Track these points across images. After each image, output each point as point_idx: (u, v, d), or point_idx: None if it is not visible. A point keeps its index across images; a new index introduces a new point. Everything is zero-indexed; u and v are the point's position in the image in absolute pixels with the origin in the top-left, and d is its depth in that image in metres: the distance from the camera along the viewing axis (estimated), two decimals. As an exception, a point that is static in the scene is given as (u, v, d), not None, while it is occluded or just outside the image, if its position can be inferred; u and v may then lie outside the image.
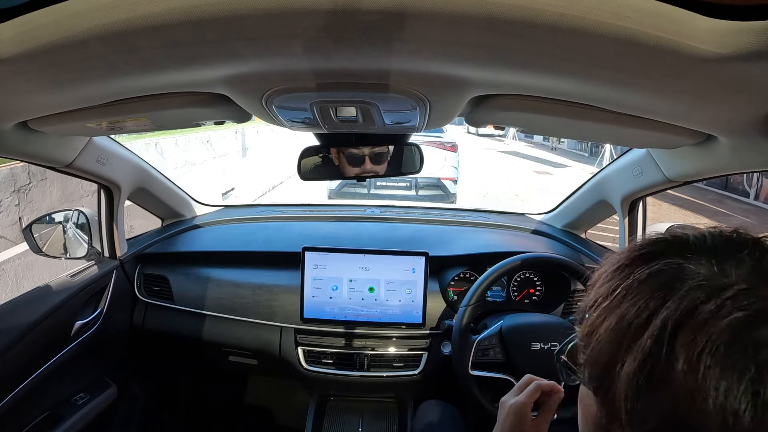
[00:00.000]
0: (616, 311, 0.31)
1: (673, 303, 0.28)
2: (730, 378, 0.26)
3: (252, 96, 0.60)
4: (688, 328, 0.27)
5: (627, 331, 0.30)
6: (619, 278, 0.33)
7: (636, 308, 0.30)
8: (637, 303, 0.30)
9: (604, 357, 0.32)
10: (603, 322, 0.32)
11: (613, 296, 0.32)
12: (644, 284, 0.31)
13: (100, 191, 1.20)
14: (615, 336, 0.31)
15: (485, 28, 0.36)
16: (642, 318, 0.29)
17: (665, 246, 0.32)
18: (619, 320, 0.31)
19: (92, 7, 0.35)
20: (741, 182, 8.47)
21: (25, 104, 0.62)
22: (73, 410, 1.08)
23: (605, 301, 0.33)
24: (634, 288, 0.31)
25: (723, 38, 0.33)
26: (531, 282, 1.29)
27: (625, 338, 0.30)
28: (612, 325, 0.31)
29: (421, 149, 1.03)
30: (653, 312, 0.29)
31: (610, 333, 0.31)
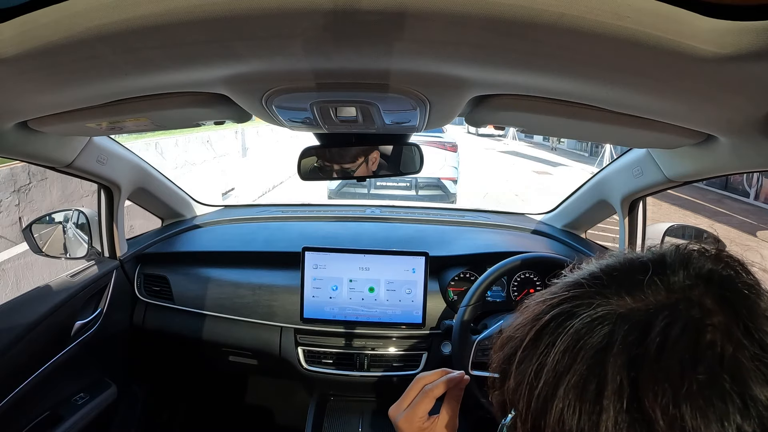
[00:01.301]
0: (557, 393, 0.27)
1: (615, 358, 0.25)
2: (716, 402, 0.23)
3: (252, 96, 0.60)
4: (645, 378, 0.24)
5: (583, 407, 0.26)
6: (540, 356, 0.29)
7: (579, 386, 0.26)
8: (573, 377, 0.26)
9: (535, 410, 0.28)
10: (547, 405, 0.28)
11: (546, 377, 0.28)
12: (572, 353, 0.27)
13: (100, 191, 1.20)
14: (571, 415, 0.26)
15: (485, 28, 0.36)
16: (592, 390, 0.26)
17: (570, 302, 0.30)
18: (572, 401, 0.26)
19: (92, 7, 0.35)
20: (741, 182, 8.47)
21: (25, 104, 0.62)
22: (73, 410, 1.08)
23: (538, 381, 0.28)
24: (565, 363, 0.27)
25: (723, 38, 0.33)
26: (531, 282, 1.29)
27: (582, 413, 0.26)
28: (561, 407, 0.27)
29: (421, 149, 1.03)
30: (600, 377, 0.25)
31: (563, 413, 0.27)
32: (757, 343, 0.24)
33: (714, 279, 0.27)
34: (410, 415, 0.54)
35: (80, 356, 1.12)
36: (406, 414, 0.55)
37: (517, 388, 0.31)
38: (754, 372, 0.24)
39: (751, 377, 0.23)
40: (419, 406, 0.54)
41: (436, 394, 0.55)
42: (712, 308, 0.26)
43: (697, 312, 0.25)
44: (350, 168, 1.00)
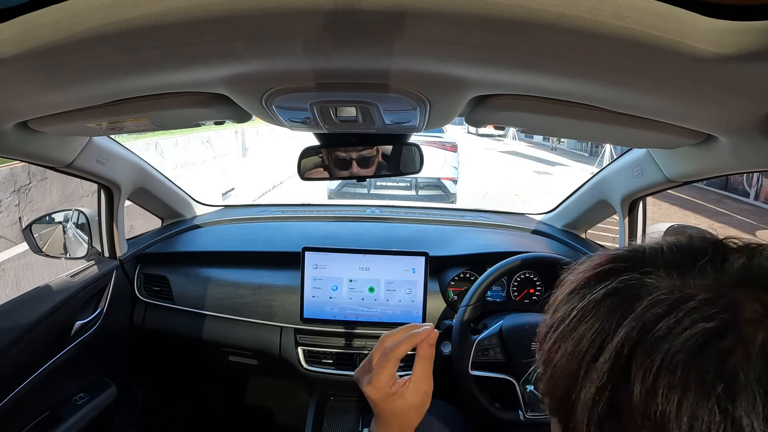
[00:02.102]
0: (572, 335, 0.29)
1: (630, 322, 0.26)
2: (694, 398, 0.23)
3: (252, 96, 0.60)
4: (644, 347, 0.25)
5: (584, 355, 0.28)
6: (575, 300, 0.30)
7: (592, 331, 0.28)
8: (594, 325, 0.28)
9: (562, 385, 0.29)
10: (559, 349, 0.30)
11: (569, 319, 0.30)
12: (600, 304, 0.28)
13: (100, 191, 1.20)
14: (571, 362, 0.28)
15: (485, 28, 0.36)
16: (598, 340, 0.27)
17: (621, 262, 0.30)
18: (575, 345, 0.28)
19: (92, 7, 0.35)
20: (741, 182, 8.47)
21: (25, 104, 0.62)
22: (73, 410, 1.08)
23: (561, 325, 0.30)
24: (590, 309, 0.29)
25: (723, 38, 0.33)
26: (531, 282, 1.29)
27: (582, 363, 0.28)
28: (568, 350, 0.29)
29: (421, 149, 1.03)
30: (610, 333, 0.27)
31: (567, 359, 0.29)
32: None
33: None
34: (374, 382, 0.49)
35: (80, 356, 1.12)
36: (370, 381, 0.49)
37: (548, 330, 0.32)
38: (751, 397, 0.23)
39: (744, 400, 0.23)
40: (382, 370, 0.49)
41: (399, 355, 0.50)
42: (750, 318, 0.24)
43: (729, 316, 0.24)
44: (350, 168, 1.00)
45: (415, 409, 0.50)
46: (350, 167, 1.00)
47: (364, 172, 1.01)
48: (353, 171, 1.00)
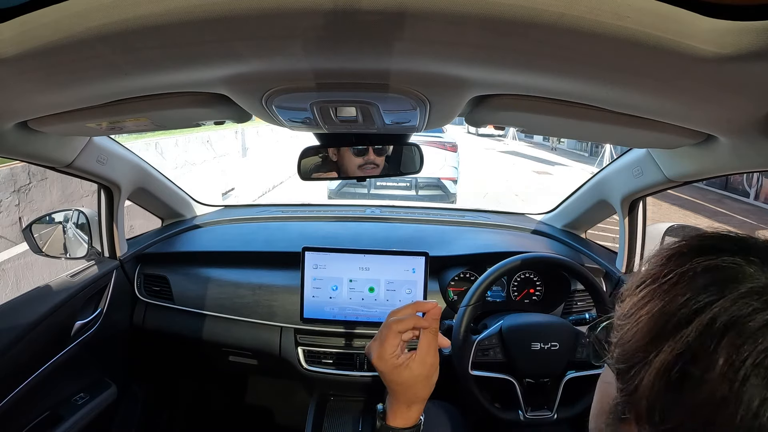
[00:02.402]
0: (663, 296, 0.29)
1: (726, 302, 0.26)
2: None
3: (252, 96, 0.60)
4: (736, 332, 0.25)
5: (671, 318, 0.28)
6: (674, 264, 0.30)
7: (685, 298, 0.28)
8: (688, 293, 0.28)
9: (640, 341, 0.30)
10: (647, 304, 0.30)
11: (665, 280, 0.30)
12: (700, 276, 0.28)
13: (100, 191, 1.20)
14: (656, 321, 0.29)
15: (485, 28, 0.36)
16: (690, 309, 0.27)
17: (728, 243, 0.30)
18: (665, 306, 0.29)
19: (92, 7, 0.35)
20: (741, 182, 8.47)
21: (25, 104, 0.62)
22: (73, 410, 1.08)
23: (654, 283, 0.31)
24: (689, 277, 0.29)
25: (723, 38, 0.33)
26: (531, 282, 1.29)
27: (667, 325, 0.28)
28: (656, 309, 0.29)
29: (421, 149, 1.03)
30: (704, 306, 0.27)
31: (653, 317, 0.29)
32: None
33: None
34: (380, 353, 0.53)
35: (80, 356, 1.12)
36: (376, 353, 0.54)
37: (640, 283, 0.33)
38: None
39: None
40: (386, 342, 0.53)
41: (401, 329, 0.54)
42: None
43: None
44: (350, 168, 1.00)
45: (422, 380, 0.53)
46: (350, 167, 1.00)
47: (364, 172, 1.01)
48: (353, 171, 1.00)
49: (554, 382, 1.00)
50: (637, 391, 0.29)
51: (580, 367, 1.00)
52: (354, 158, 0.98)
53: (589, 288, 1.07)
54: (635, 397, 0.29)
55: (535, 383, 1.00)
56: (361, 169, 0.99)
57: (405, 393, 0.54)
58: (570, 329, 1.01)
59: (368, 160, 0.99)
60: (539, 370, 0.99)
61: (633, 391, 0.30)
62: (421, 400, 0.55)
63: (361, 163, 0.99)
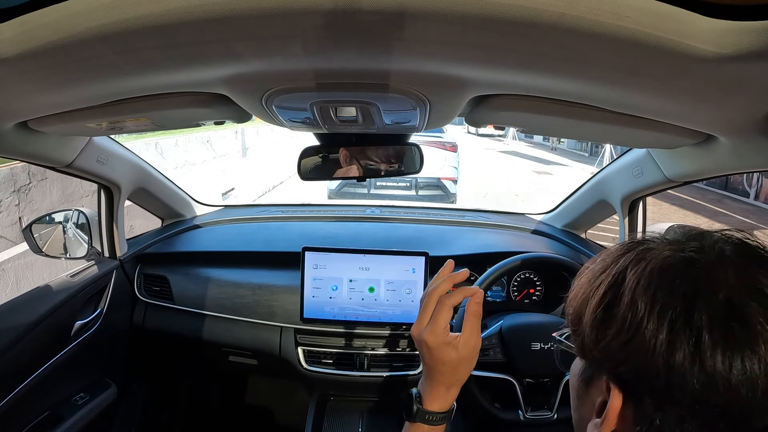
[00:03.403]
0: (590, 271, 0.39)
1: (630, 253, 0.37)
2: (665, 293, 0.32)
3: (252, 96, 0.60)
4: (636, 259, 0.35)
5: (593, 279, 0.38)
6: (603, 260, 0.40)
7: (604, 263, 0.38)
8: (606, 259, 0.39)
9: (578, 305, 0.39)
10: (580, 282, 0.40)
11: (593, 268, 0.40)
12: (616, 250, 0.39)
13: (100, 191, 1.20)
14: (585, 286, 0.39)
15: (485, 28, 0.36)
16: (606, 267, 0.38)
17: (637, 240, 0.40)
18: (590, 272, 0.39)
19: (92, 7, 0.35)
20: (741, 182, 8.47)
21: (25, 104, 0.62)
22: (73, 410, 1.08)
23: (586, 270, 0.41)
24: (608, 261, 0.39)
25: (723, 38, 0.33)
26: (531, 282, 1.29)
27: (592, 286, 0.38)
28: (587, 279, 0.39)
29: (421, 149, 1.03)
30: (615, 261, 0.37)
31: (583, 285, 0.39)
32: None
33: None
34: (433, 328, 0.55)
35: (80, 356, 1.12)
36: (428, 328, 0.55)
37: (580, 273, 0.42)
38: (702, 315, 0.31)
39: (698, 313, 0.31)
40: (439, 316, 0.55)
41: (453, 303, 0.57)
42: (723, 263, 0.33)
43: (708, 256, 0.34)
44: (350, 168, 1.00)
45: (465, 362, 0.55)
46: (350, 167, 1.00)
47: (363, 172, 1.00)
48: (353, 171, 1.00)
49: (554, 382, 1.00)
50: (583, 341, 0.37)
51: (580, 367, 1.00)
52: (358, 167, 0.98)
53: (589, 288, 1.07)
54: (585, 347, 0.37)
55: (535, 383, 1.00)
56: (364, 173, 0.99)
57: (448, 374, 0.55)
58: (570, 329, 1.01)
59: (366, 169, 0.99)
60: (539, 370, 0.99)
61: (582, 344, 0.38)
62: (460, 383, 0.56)
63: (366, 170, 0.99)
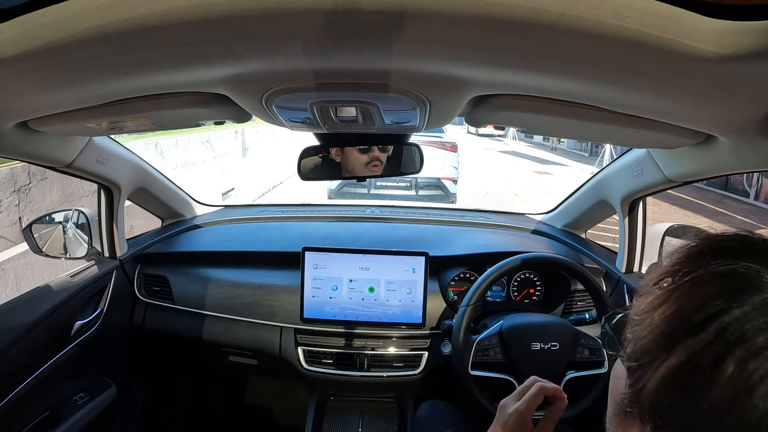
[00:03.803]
0: (678, 299, 0.29)
1: (738, 312, 0.26)
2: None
3: (252, 96, 0.60)
4: (745, 347, 0.25)
5: (682, 323, 0.28)
6: (692, 264, 0.30)
7: (699, 302, 0.27)
8: (703, 296, 0.28)
9: (651, 341, 0.30)
10: (662, 305, 0.30)
11: (682, 281, 0.30)
12: (717, 281, 0.28)
13: (100, 191, 1.20)
14: (669, 324, 0.29)
15: (485, 28, 0.36)
16: (702, 316, 0.27)
17: (749, 248, 0.30)
18: (679, 309, 0.28)
19: (92, 7, 0.35)
20: (741, 182, 8.47)
21: (25, 104, 0.62)
22: (73, 410, 1.08)
23: (672, 283, 0.30)
24: (705, 281, 0.28)
25: (723, 38, 0.33)
26: (531, 282, 1.29)
27: (678, 330, 0.28)
28: (670, 311, 0.29)
29: (421, 149, 1.03)
30: (716, 314, 0.26)
31: (665, 318, 0.29)
32: None
33: None
34: (524, 406, 0.62)
35: (80, 356, 1.12)
36: (519, 405, 0.63)
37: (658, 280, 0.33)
38: None
39: None
40: (533, 398, 0.63)
41: (547, 392, 0.64)
42: None
43: None
44: (351, 168, 1.00)
45: None
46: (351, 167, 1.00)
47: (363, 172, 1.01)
48: (354, 171, 1.00)
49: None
50: (642, 392, 0.29)
51: (580, 367, 1.00)
52: (359, 156, 0.98)
53: (589, 288, 1.07)
54: (640, 396, 0.30)
55: (535, 383, 1.00)
56: (366, 167, 0.99)
57: None
58: (570, 329, 1.01)
59: (374, 156, 0.99)
60: (539, 370, 0.99)
61: (640, 390, 0.30)
62: None
63: (367, 161, 0.99)
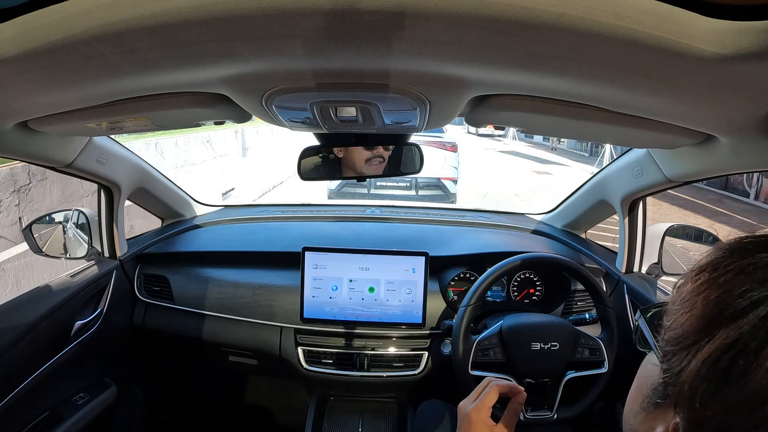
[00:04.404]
0: (723, 285, 0.29)
1: None
2: None
3: (252, 96, 0.60)
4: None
5: (727, 307, 0.28)
6: (736, 256, 0.30)
7: (744, 288, 0.28)
8: (747, 284, 0.28)
9: (693, 325, 0.30)
10: (704, 291, 0.30)
11: (725, 270, 0.30)
12: (761, 270, 0.28)
13: (100, 191, 1.20)
14: (712, 308, 0.29)
15: (485, 28, 0.36)
16: (748, 301, 0.27)
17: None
18: (722, 294, 0.29)
19: (92, 7, 0.35)
20: (741, 182, 8.48)
21: (25, 104, 0.62)
22: (73, 410, 1.08)
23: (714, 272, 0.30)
24: (749, 271, 0.28)
25: (723, 38, 0.33)
26: (531, 282, 1.29)
27: (722, 314, 0.28)
28: (713, 296, 0.29)
29: (421, 149, 1.03)
30: (762, 299, 0.27)
31: (708, 303, 0.29)
32: None
33: None
34: (479, 405, 0.65)
35: (80, 356, 1.12)
36: (475, 404, 0.65)
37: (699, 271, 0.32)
38: None
39: None
40: (487, 397, 0.65)
41: (501, 390, 0.66)
42: None
43: None
44: (351, 168, 1.00)
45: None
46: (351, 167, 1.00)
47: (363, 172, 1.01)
48: (354, 171, 1.00)
49: (554, 382, 1.00)
50: (681, 374, 0.29)
51: (580, 367, 1.00)
52: (362, 152, 0.98)
53: (589, 288, 1.07)
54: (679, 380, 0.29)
55: (535, 383, 1.00)
56: (367, 165, 0.99)
57: None
58: (570, 329, 1.01)
59: (376, 153, 0.99)
60: (539, 370, 0.99)
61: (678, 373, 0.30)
62: None
63: (369, 157, 0.99)
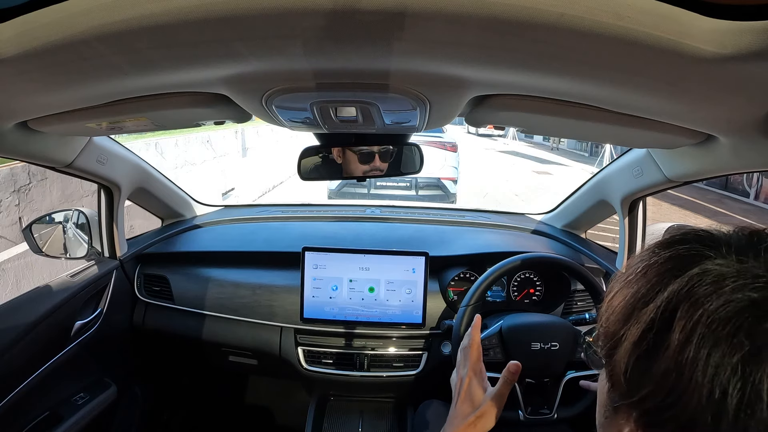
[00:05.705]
0: (631, 286, 0.33)
1: (681, 280, 0.29)
2: (722, 351, 0.26)
3: (252, 96, 0.60)
4: (690, 302, 0.28)
5: (636, 303, 0.31)
6: (643, 259, 0.34)
7: (649, 284, 0.31)
8: (651, 279, 0.31)
9: (616, 323, 0.33)
10: (617, 296, 0.34)
11: (633, 274, 0.33)
12: (661, 266, 0.32)
13: (100, 191, 1.20)
14: (625, 308, 0.32)
15: (485, 28, 0.36)
16: (652, 293, 0.31)
17: (690, 236, 0.33)
18: (633, 294, 0.32)
19: (92, 7, 0.35)
20: (741, 182, 8.48)
21: (25, 104, 0.62)
22: (73, 410, 1.08)
23: (625, 279, 0.34)
24: (653, 267, 0.32)
25: (723, 38, 0.33)
26: (531, 282, 1.29)
27: (636, 306, 0.31)
28: (626, 298, 0.33)
29: (421, 149, 1.03)
30: (662, 287, 0.30)
31: (626, 301, 0.33)
32: None
33: None
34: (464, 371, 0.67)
35: (80, 356, 1.12)
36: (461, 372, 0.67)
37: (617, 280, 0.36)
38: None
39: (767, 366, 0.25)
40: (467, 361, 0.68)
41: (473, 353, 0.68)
42: None
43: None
44: (351, 168, 1.00)
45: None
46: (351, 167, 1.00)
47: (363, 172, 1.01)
48: (354, 171, 1.00)
49: (554, 382, 1.00)
50: (616, 371, 0.32)
51: (580, 367, 1.00)
52: (360, 165, 0.98)
53: (589, 288, 1.07)
54: (617, 379, 0.32)
55: (535, 383, 1.00)
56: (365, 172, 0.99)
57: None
58: (570, 329, 1.01)
59: (374, 166, 0.99)
60: (539, 370, 0.99)
61: (615, 374, 0.33)
62: None
63: (367, 170, 0.99)
